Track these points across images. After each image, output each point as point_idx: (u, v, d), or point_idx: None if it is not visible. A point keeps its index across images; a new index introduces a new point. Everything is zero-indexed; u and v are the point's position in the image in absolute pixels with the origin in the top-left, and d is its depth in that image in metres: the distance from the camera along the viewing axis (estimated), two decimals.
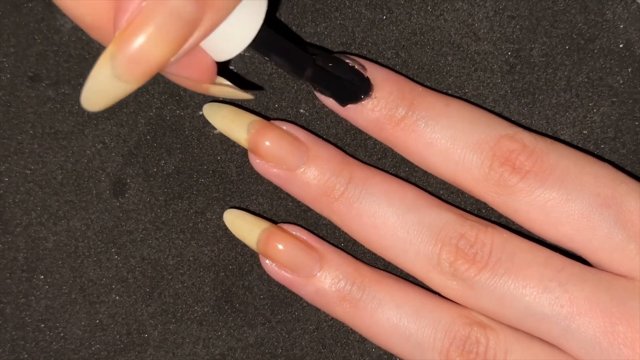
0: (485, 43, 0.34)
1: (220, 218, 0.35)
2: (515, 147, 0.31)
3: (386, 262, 0.34)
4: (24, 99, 0.35)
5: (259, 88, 0.34)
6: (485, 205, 0.34)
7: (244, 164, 0.35)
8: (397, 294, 0.33)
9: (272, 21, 0.34)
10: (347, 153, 0.34)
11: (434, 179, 0.34)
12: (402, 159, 0.34)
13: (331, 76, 0.32)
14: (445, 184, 0.34)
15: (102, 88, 0.25)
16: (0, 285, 0.35)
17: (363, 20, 0.34)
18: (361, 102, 0.32)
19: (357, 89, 0.32)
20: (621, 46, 0.34)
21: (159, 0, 0.24)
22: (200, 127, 0.35)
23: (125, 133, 0.35)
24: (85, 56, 0.35)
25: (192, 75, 0.28)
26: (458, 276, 0.31)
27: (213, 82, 0.29)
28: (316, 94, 0.33)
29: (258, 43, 0.28)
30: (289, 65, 0.30)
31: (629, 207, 0.30)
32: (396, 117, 0.32)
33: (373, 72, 0.32)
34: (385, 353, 0.35)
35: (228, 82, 0.29)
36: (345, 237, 0.34)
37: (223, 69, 0.30)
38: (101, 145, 0.35)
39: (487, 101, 0.34)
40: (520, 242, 0.31)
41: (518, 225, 0.32)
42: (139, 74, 0.25)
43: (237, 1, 0.26)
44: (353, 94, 0.32)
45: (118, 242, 0.35)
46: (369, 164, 0.34)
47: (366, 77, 0.32)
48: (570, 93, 0.34)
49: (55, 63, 0.35)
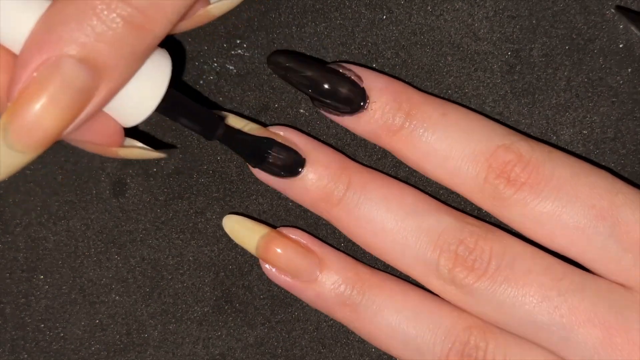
0: (485, 43, 0.34)
1: (220, 218, 0.35)
2: (511, 158, 0.31)
3: (386, 263, 0.34)
4: None
5: (172, 147, 0.34)
6: None
7: (244, 164, 0.35)
8: (397, 298, 0.32)
9: (178, 83, 0.34)
10: (347, 154, 0.34)
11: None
12: None
13: (241, 136, 0.32)
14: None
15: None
16: (0, 285, 0.35)
17: (363, 20, 0.34)
18: (357, 114, 0.32)
19: (267, 153, 0.32)
20: (621, 46, 0.33)
21: (51, 69, 0.24)
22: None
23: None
24: None
25: (97, 140, 0.28)
26: (457, 283, 0.31)
27: (122, 145, 0.29)
28: (314, 104, 0.33)
29: (165, 108, 0.28)
30: (199, 127, 0.30)
31: (625, 219, 0.30)
32: (393, 128, 0.32)
33: (369, 82, 0.32)
34: (385, 353, 0.35)
35: (139, 144, 0.29)
36: (345, 238, 0.34)
37: (133, 129, 0.30)
38: None
39: (487, 101, 0.34)
40: (520, 249, 0.31)
41: None
42: (33, 144, 0.25)
43: (135, 68, 0.26)
44: (265, 158, 0.32)
45: (118, 242, 0.35)
46: (369, 165, 0.34)
47: (362, 88, 0.32)
48: (570, 93, 0.34)
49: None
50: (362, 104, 0.32)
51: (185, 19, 0.29)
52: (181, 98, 0.29)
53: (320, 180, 0.32)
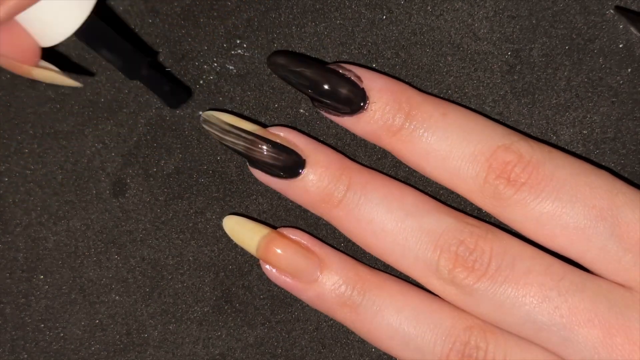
0: (485, 43, 0.34)
1: (220, 218, 0.35)
2: (511, 159, 0.31)
3: (386, 263, 0.34)
4: (24, 99, 0.35)
5: (90, 74, 0.33)
6: None
7: (244, 164, 0.35)
8: (398, 298, 0.32)
9: (114, 21, 0.33)
10: (347, 154, 0.34)
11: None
12: None
13: (165, 80, 0.31)
14: None
15: None
16: (0, 285, 0.35)
17: (363, 20, 0.34)
18: (356, 115, 0.32)
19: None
20: (621, 46, 0.33)
21: None
22: (200, 127, 0.35)
23: (125, 133, 0.35)
24: (85, 56, 0.35)
25: (12, 54, 0.27)
26: (457, 283, 0.31)
27: (36, 65, 0.28)
28: (314, 105, 0.33)
29: (86, 34, 0.28)
30: (121, 62, 0.29)
31: (626, 219, 0.30)
32: (393, 129, 0.32)
33: (369, 83, 0.32)
34: (385, 354, 0.35)
35: (53, 67, 0.29)
36: (345, 238, 0.34)
37: (52, 54, 0.29)
38: (101, 145, 0.35)
39: (487, 101, 0.34)
40: (520, 248, 0.31)
41: None
42: None
43: None
44: (177, 100, 0.31)
45: (118, 242, 0.35)
46: (369, 165, 0.34)
47: (361, 89, 0.32)
48: (570, 93, 0.34)
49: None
50: (362, 105, 0.32)
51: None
52: (107, 29, 0.29)
53: (320, 181, 0.32)
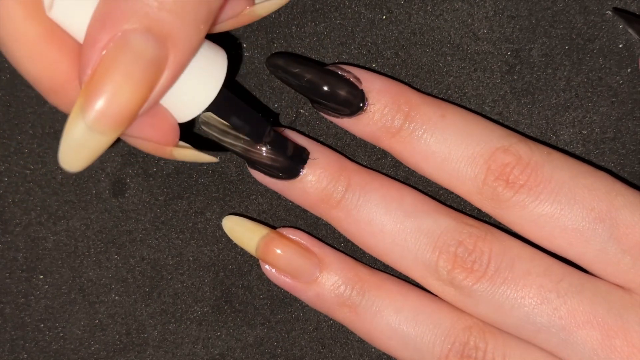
0: (484, 43, 0.34)
1: (220, 218, 0.35)
2: (509, 161, 0.31)
3: (386, 264, 0.34)
4: (24, 99, 0.35)
5: (224, 150, 0.34)
6: None
7: (244, 164, 0.35)
8: (397, 299, 0.32)
9: (232, 84, 0.34)
10: (347, 154, 0.34)
11: None
12: None
13: (288, 141, 0.32)
14: None
15: (79, 145, 0.25)
16: (0, 285, 0.35)
17: (363, 20, 0.34)
18: (356, 117, 0.32)
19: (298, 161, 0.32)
20: (621, 46, 0.33)
21: (120, 44, 0.24)
22: (199, 127, 0.35)
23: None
24: None
25: (155, 136, 0.27)
26: (456, 285, 0.31)
27: (176, 145, 0.28)
28: (313, 106, 0.33)
29: (218, 104, 0.28)
30: (248, 128, 0.30)
31: (624, 221, 0.30)
32: (392, 130, 0.32)
33: (368, 84, 0.32)
34: (384, 354, 0.35)
35: (189, 146, 0.29)
36: (344, 238, 0.34)
37: (186, 134, 0.30)
38: None
39: (487, 101, 0.34)
40: (519, 250, 0.31)
41: None
42: (113, 123, 0.25)
43: (199, 39, 0.26)
44: (300, 159, 0.32)
45: (118, 242, 0.35)
46: (368, 165, 0.34)
47: (361, 90, 0.32)
48: (569, 93, 0.34)
49: None
50: (361, 106, 0.32)
51: (230, 18, 0.28)
52: (235, 98, 0.29)
53: (319, 182, 0.32)
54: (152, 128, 0.27)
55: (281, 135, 0.32)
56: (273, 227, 0.34)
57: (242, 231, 0.34)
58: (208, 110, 0.28)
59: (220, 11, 0.27)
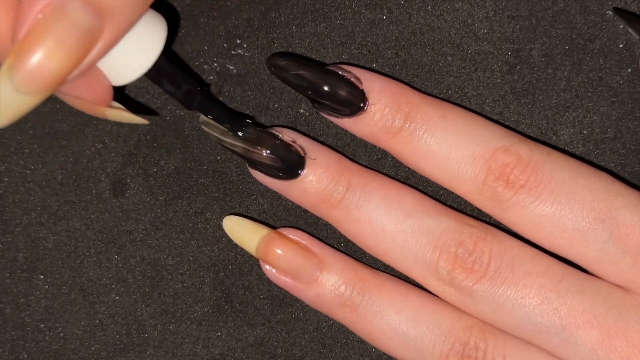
0: (485, 43, 0.34)
1: (220, 218, 0.35)
2: (510, 161, 0.31)
3: (386, 264, 0.34)
4: None
5: (154, 113, 0.34)
6: None
7: (244, 164, 0.35)
8: (397, 299, 0.32)
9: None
10: (347, 154, 0.34)
11: None
12: None
13: (219, 105, 0.32)
14: None
15: (4, 103, 0.25)
16: (0, 285, 0.35)
17: (363, 20, 0.34)
18: (356, 117, 0.32)
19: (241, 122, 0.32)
20: (621, 46, 0.33)
21: (57, 10, 0.24)
22: (200, 127, 0.35)
23: (125, 133, 0.35)
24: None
25: (88, 96, 0.28)
26: (456, 285, 0.31)
27: (109, 106, 0.29)
28: (314, 106, 0.33)
29: (154, 71, 0.29)
30: (180, 96, 0.31)
31: (624, 221, 0.30)
32: (392, 130, 0.32)
33: (369, 84, 0.32)
34: (385, 354, 0.35)
35: (122, 107, 0.29)
36: (345, 238, 0.34)
37: (118, 94, 0.30)
38: (101, 145, 0.35)
39: (487, 101, 0.34)
40: (520, 250, 0.31)
41: None
42: (39, 86, 0.25)
43: (138, 14, 0.26)
44: (239, 124, 0.32)
45: (118, 242, 0.35)
46: (369, 165, 0.34)
47: (361, 90, 0.32)
48: (570, 93, 0.34)
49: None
50: (362, 106, 0.32)
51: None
52: (170, 65, 0.30)
53: (319, 182, 0.32)
54: (85, 88, 0.27)
55: (211, 100, 0.32)
56: (273, 228, 0.34)
57: (243, 231, 0.34)
58: (145, 76, 0.29)
59: None
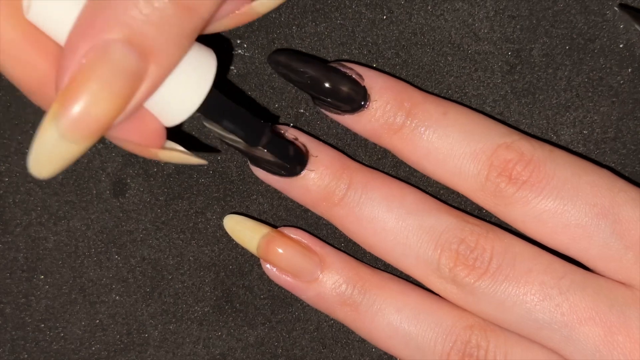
0: (485, 43, 0.34)
1: (220, 218, 0.35)
2: (512, 157, 0.31)
3: (387, 263, 0.34)
4: (24, 99, 0.35)
5: (216, 150, 0.34)
6: None
7: (244, 164, 0.35)
8: (398, 297, 0.32)
9: (225, 85, 0.34)
10: (348, 153, 0.34)
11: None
12: None
13: (286, 143, 0.31)
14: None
15: (50, 152, 0.24)
16: (0, 285, 0.35)
17: (363, 20, 0.34)
18: (357, 113, 0.32)
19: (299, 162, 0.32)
20: (621, 46, 0.34)
21: (100, 54, 0.24)
22: (200, 127, 0.35)
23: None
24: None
25: (138, 139, 0.27)
26: (458, 282, 0.31)
27: (162, 147, 0.28)
28: (315, 103, 0.33)
29: (208, 108, 0.27)
30: (242, 132, 0.29)
31: (626, 217, 0.30)
32: (394, 127, 0.32)
33: (370, 81, 0.32)
34: (385, 353, 0.35)
35: (179, 147, 0.29)
36: (345, 237, 0.34)
37: (175, 133, 0.29)
38: (101, 145, 0.35)
39: (488, 101, 0.34)
40: (521, 247, 0.31)
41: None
42: (86, 133, 0.24)
43: (182, 52, 0.25)
44: (301, 162, 0.32)
45: (118, 242, 0.35)
46: (370, 164, 0.34)
47: (363, 87, 0.32)
48: (570, 93, 0.34)
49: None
50: (363, 103, 0.32)
51: (229, 17, 0.28)
52: (226, 101, 0.28)
53: (321, 179, 0.32)
54: (134, 130, 0.27)
55: (278, 136, 0.32)
56: (274, 227, 0.34)
57: (243, 230, 0.34)
58: (198, 113, 0.27)
59: (212, 17, 0.26)
